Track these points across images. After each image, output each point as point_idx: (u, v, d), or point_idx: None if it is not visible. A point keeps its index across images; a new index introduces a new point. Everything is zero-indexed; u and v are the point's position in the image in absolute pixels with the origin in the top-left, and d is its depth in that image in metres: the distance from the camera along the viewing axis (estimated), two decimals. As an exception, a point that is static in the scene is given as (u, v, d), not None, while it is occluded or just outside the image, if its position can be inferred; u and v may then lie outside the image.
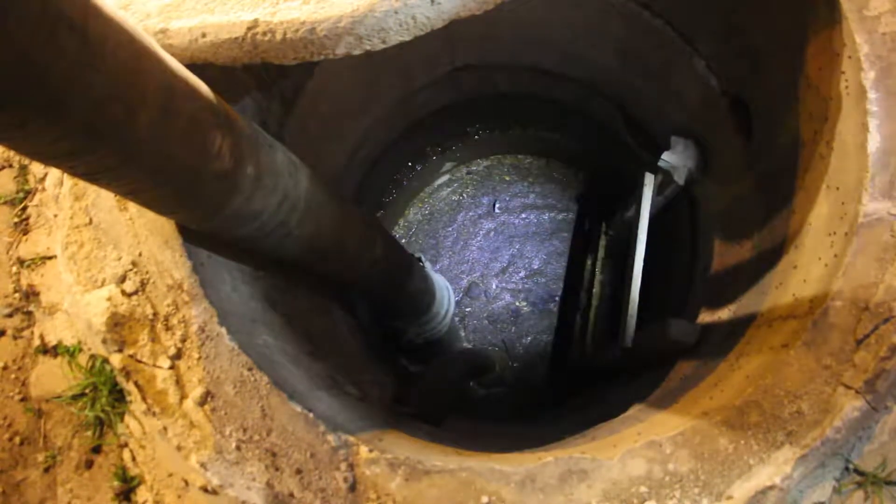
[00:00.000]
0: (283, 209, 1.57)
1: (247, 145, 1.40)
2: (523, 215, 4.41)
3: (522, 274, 4.32)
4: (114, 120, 1.01)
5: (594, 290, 3.82)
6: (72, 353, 1.67)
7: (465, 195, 4.43)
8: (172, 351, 1.54)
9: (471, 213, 4.42)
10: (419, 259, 3.04)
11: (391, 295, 2.77)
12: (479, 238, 4.38)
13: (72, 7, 0.87)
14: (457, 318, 4.08)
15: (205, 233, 1.62)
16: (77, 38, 0.88)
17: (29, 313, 1.76)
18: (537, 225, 4.39)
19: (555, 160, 4.40)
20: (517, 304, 4.27)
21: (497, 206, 4.42)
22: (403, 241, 4.33)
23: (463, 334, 4.17)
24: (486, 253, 4.35)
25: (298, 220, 1.65)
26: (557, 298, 4.25)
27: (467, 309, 4.23)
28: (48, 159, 1.07)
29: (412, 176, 4.08)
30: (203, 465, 1.46)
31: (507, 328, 4.23)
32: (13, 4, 0.78)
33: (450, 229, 4.39)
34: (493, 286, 4.29)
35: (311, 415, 1.55)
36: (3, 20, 0.77)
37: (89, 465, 1.64)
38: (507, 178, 4.45)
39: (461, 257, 4.34)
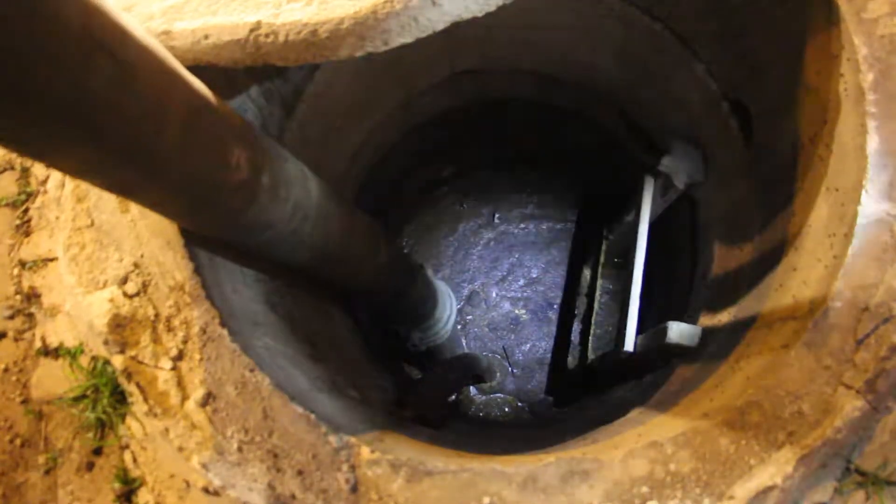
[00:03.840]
0: (296, 218, 1.62)
1: (262, 157, 1.46)
2: (522, 225, 4.45)
3: (521, 282, 4.35)
4: (144, 137, 1.09)
5: (595, 295, 3.83)
6: (73, 354, 1.67)
7: (465, 205, 4.47)
8: (174, 352, 1.54)
9: (471, 223, 4.45)
10: (421, 266, 3.05)
11: (395, 300, 2.78)
12: (479, 247, 4.41)
13: (108, 35, 0.95)
14: (458, 326, 4.10)
15: (222, 240, 1.65)
16: (113, 62, 0.96)
17: (30, 315, 1.76)
18: (536, 234, 4.43)
19: (554, 169, 4.42)
20: (516, 311, 4.29)
21: (497, 216, 4.45)
22: (406, 250, 4.36)
23: (464, 341, 4.18)
24: (486, 262, 4.38)
25: (310, 228, 1.69)
26: (556, 306, 4.27)
27: (468, 317, 4.26)
28: (80, 174, 1.16)
29: (412, 182, 4.09)
30: (205, 466, 1.46)
31: (507, 335, 4.25)
32: (57, 36, 0.85)
33: (450, 239, 4.42)
34: (493, 294, 4.32)
35: (312, 416, 1.55)
36: (51, 47, 0.85)
37: (90, 466, 1.64)
38: (507, 188, 4.48)
39: (462, 266, 4.38)
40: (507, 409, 4.08)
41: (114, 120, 1.01)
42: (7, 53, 0.80)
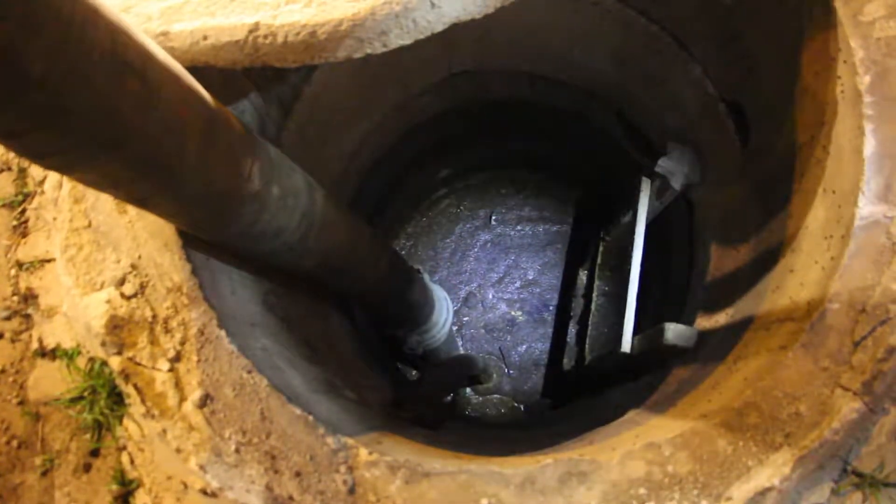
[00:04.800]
0: (303, 226, 1.65)
1: (272, 168, 1.50)
2: (519, 227, 4.46)
3: (518, 284, 4.36)
4: (166, 152, 1.15)
5: (592, 296, 3.83)
6: (70, 355, 1.67)
7: (462, 207, 4.49)
8: (171, 353, 1.54)
9: (468, 225, 4.47)
10: (419, 271, 3.06)
11: (393, 305, 2.80)
12: (475, 249, 4.43)
13: (134, 56, 1.01)
14: (455, 328, 4.10)
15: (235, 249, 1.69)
16: (139, 82, 1.02)
17: (27, 316, 1.76)
18: (532, 237, 4.45)
19: (551, 170, 4.43)
20: (512, 313, 4.30)
21: (493, 218, 4.46)
22: (403, 252, 4.37)
23: (460, 342, 4.19)
24: (482, 264, 4.40)
25: (315, 237, 1.73)
26: (552, 308, 4.29)
27: (465, 318, 4.27)
28: (99, 187, 1.21)
29: (410, 184, 4.09)
30: (202, 467, 1.46)
31: (503, 337, 4.26)
32: (91, 56, 0.91)
33: (448, 241, 4.43)
34: (490, 296, 4.33)
35: (310, 417, 1.55)
36: (84, 70, 0.90)
37: (87, 468, 1.64)
38: (504, 191, 4.50)
39: (459, 268, 4.39)
40: (503, 410, 4.09)
41: (139, 137, 1.06)
42: (41, 81, 0.85)
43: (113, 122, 0.99)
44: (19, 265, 1.79)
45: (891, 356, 1.52)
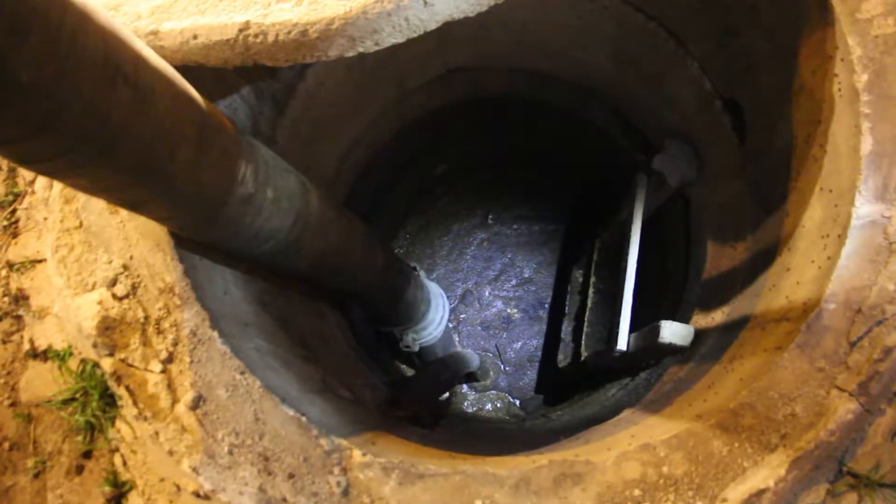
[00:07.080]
0: (297, 228, 1.66)
1: (267, 171, 1.50)
2: (515, 226, 4.48)
3: (514, 282, 4.38)
4: (158, 158, 1.14)
5: (588, 293, 3.83)
6: (62, 357, 1.66)
7: (459, 206, 4.50)
8: (164, 355, 1.53)
9: (465, 224, 4.49)
10: (414, 269, 3.06)
11: (389, 303, 2.80)
12: (472, 247, 4.45)
13: (126, 62, 1.00)
14: (451, 325, 4.11)
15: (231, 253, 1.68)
16: (130, 88, 1.01)
17: (18, 317, 1.75)
18: (528, 235, 4.47)
19: (548, 167, 4.43)
20: (509, 310, 4.32)
21: (490, 216, 4.47)
22: (400, 250, 4.38)
23: (457, 339, 4.19)
24: (479, 262, 4.43)
25: (310, 238, 1.74)
26: (547, 305, 4.31)
27: (462, 316, 4.29)
28: (91, 192, 1.22)
29: (406, 181, 4.09)
30: (195, 469, 1.45)
31: (499, 334, 4.27)
32: (82, 62, 0.90)
33: (445, 239, 4.45)
34: (486, 294, 4.35)
35: (303, 419, 1.54)
36: (74, 76, 0.89)
37: (80, 470, 1.63)
38: (500, 189, 4.50)
39: (456, 266, 4.41)
40: (499, 405, 4.10)
41: (130, 144, 1.05)
42: (30, 88, 0.84)
43: (104, 129, 0.98)
44: (10, 266, 1.78)
45: (887, 357, 1.51)
